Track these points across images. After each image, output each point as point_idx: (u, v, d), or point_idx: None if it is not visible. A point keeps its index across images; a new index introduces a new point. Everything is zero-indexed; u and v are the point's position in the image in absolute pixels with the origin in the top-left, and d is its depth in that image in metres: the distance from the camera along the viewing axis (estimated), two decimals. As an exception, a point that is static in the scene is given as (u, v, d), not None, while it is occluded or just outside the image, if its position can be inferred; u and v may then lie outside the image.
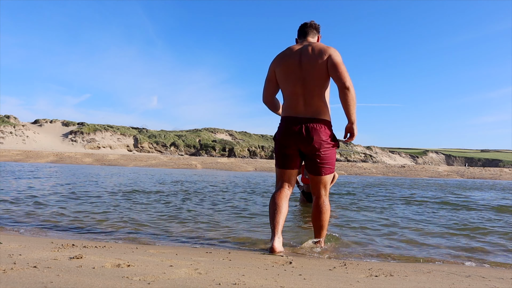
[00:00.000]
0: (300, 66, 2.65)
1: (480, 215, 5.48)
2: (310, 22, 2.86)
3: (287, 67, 2.69)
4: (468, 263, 2.85)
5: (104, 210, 4.98)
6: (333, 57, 2.56)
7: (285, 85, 2.73)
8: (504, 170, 30.88)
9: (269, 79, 2.84)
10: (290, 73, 2.68)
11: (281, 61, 2.74)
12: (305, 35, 2.84)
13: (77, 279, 1.65)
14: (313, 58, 2.61)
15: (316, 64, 2.59)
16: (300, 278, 1.97)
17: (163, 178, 12.74)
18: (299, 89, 2.66)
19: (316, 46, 2.66)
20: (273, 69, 2.79)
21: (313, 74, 2.61)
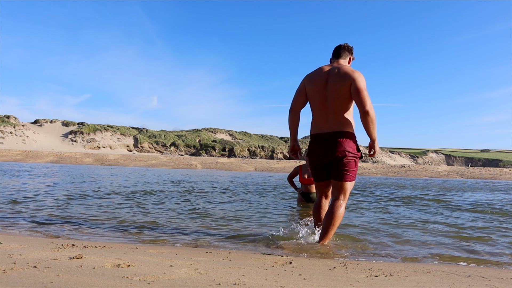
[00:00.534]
0: (326, 86, 2.87)
1: (481, 216, 5.48)
2: (344, 45, 3.06)
3: (315, 86, 2.91)
4: (468, 263, 2.85)
5: (103, 210, 4.98)
6: (357, 82, 2.74)
7: (312, 102, 2.97)
8: (504, 170, 30.89)
9: (299, 90, 3.04)
10: (317, 92, 2.91)
11: (310, 80, 2.97)
12: (337, 57, 3.05)
13: (77, 279, 1.65)
14: (338, 81, 2.81)
15: (340, 86, 2.79)
16: (300, 278, 1.97)
17: (164, 178, 12.74)
18: (324, 107, 2.89)
19: (342, 70, 2.84)
20: (304, 84, 3.01)
21: (337, 95, 2.82)
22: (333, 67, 2.91)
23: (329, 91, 2.84)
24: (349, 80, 2.76)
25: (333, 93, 2.82)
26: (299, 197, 5.96)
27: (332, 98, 2.84)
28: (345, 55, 3.05)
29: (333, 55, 3.09)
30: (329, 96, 2.85)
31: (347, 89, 2.77)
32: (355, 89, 2.73)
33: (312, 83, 2.93)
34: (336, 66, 2.92)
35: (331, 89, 2.83)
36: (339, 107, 2.83)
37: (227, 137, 67.25)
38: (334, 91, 2.82)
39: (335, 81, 2.82)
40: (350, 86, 2.75)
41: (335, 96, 2.82)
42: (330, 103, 2.85)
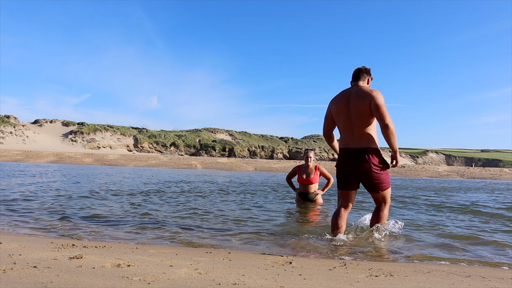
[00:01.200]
0: (348, 107, 3.19)
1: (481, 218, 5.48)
2: (361, 68, 3.36)
3: (338, 108, 3.25)
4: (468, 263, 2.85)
5: (103, 210, 4.98)
6: (375, 100, 3.04)
7: (338, 122, 3.31)
8: (504, 170, 30.88)
9: (327, 117, 3.42)
10: (340, 113, 3.24)
11: (334, 103, 3.31)
12: (357, 79, 3.34)
13: (77, 279, 1.65)
14: (358, 100, 3.12)
15: (361, 106, 3.10)
16: (300, 278, 1.97)
17: (163, 178, 12.74)
18: (348, 125, 3.21)
19: (362, 90, 3.16)
20: (330, 109, 3.37)
21: (359, 114, 3.13)
22: (353, 89, 3.24)
23: (351, 110, 3.16)
24: (369, 98, 3.06)
25: (355, 111, 3.13)
26: (297, 197, 5.96)
27: (355, 116, 3.14)
28: (364, 77, 3.34)
29: (353, 78, 3.38)
30: (353, 115, 3.15)
31: (368, 106, 3.06)
32: (374, 106, 3.02)
33: (336, 106, 3.27)
34: (356, 87, 3.24)
35: (353, 108, 3.14)
36: (362, 123, 3.14)
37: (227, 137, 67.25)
38: (356, 109, 3.12)
39: (356, 100, 3.12)
40: (370, 103, 3.05)
41: (357, 114, 3.12)
42: (354, 121, 3.16)
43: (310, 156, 5.73)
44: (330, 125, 3.42)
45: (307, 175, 5.70)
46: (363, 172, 3.17)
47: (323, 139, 72.67)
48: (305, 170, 5.76)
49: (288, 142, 69.77)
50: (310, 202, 5.79)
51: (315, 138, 73.44)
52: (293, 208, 5.80)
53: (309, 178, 5.68)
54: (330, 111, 3.35)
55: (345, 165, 3.27)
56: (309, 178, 5.68)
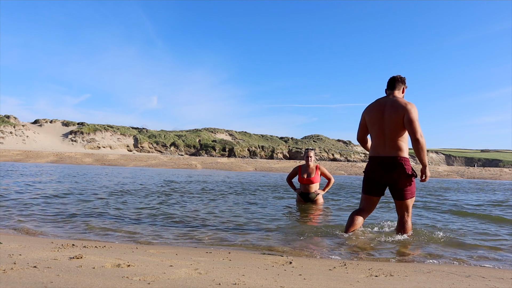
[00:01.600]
0: (382, 117, 3.28)
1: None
2: (397, 77, 3.41)
3: (372, 117, 3.35)
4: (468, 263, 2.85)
5: (103, 210, 4.98)
6: (409, 114, 3.13)
7: (371, 130, 3.41)
8: (504, 170, 30.88)
9: (361, 124, 3.53)
10: (374, 122, 3.33)
11: (369, 111, 3.41)
12: (392, 88, 3.41)
13: (77, 279, 1.65)
14: (393, 113, 3.21)
15: (395, 117, 3.20)
16: (300, 278, 1.97)
17: (163, 178, 12.74)
18: (381, 134, 3.30)
19: (397, 102, 3.25)
20: (364, 117, 3.47)
21: (392, 125, 3.22)
22: (389, 99, 3.32)
23: (385, 121, 3.25)
24: (403, 111, 3.15)
25: (389, 122, 3.23)
26: (298, 197, 5.96)
27: (388, 127, 3.24)
28: (399, 86, 3.40)
29: (388, 87, 3.44)
30: (386, 125, 3.26)
31: (401, 119, 3.16)
32: (407, 120, 3.12)
33: (370, 114, 3.37)
34: (391, 98, 3.31)
35: (387, 119, 3.24)
36: (394, 134, 3.23)
37: (227, 137, 67.24)
38: (389, 120, 3.22)
39: (390, 112, 3.22)
40: (404, 116, 3.14)
41: (390, 125, 3.22)
42: (386, 131, 3.26)
43: (310, 156, 5.74)
44: (363, 132, 3.55)
45: (308, 174, 5.70)
46: (392, 179, 3.28)
47: (323, 139, 72.71)
48: (306, 170, 5.76)
49: (288, 142, 69.78)
50: (311, 202, 5.79)
51: (315, 138, 73.44)
52: (293, 208, 5.79)
53: (310, 178, 5.68)
54: (364, 119, 3.46)
55: (374, 172, 3.37)
56: (310, 178, 5.68)
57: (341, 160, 57.72)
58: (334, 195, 7.94)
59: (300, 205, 5.85)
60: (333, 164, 30.91)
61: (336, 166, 28.26)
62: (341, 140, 74.58)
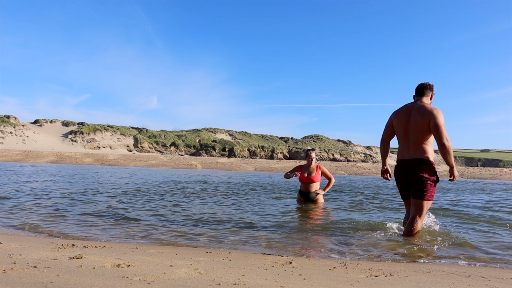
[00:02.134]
0: (408, 121, 3.41)
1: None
2: (425, 84, 3.54)
3: (400, 120, 3.48)
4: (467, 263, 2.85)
5: (103, 210, 4.98)
6: (435, 119, 3.24)
7: (398, 133, 3.53)
8: (504, 170, 30.87)
9: (388, 125, 3.63)
10: (401, 126, 3.47)
11: (397, 115, 3.53)
12: (421, 95, 3.52)
13: (77, 279, 1.65)
14: (419, 117, 3.33)
15: (421, 123, 3.31)
16: (300, 278, 1.97)
17: (163, 178, 12.74)
18: (405, 138, 3.45)
19: (423, 108, 3.35)
20: (391, 119, 3.58)
21: (417, 129, 3.35)
22: (416, 105, 3.43)
23: (411, 125, 3.38)
24: (429, 117, 3.26)
25: (414, 126, 3.36)
26: (298, 197, 5.96)
27: (413, 131, 3.37)
28: (427, 92, 3.52)
29: (417, 93, 3.56)
30: (411, 129, 3.39)
31: (427, 124, 3.28)
32: (434, 125, 3.24)
33: (397, 118, 3.50)
34: (419, 104, 3.43)
35: (413, 123, 3.36)
36: (419, 138, 3.35)
37: (227, 137, 67.21)
38: (415, 125, 3.35)
39: (416, 117, 3.34)
40: (430, 122, 3.26)
41: (415, 129, 3.35)
42: (411, 135, 3.39)
43: (312, 157, 5.75)
44: (390, 133, 3.63)
45: (309, 173, 5.71)
46: (414, 179, 3.39)
47: (323, 139, 72.67)
48: (307, 169, 5.77)
49: (288, 142, 69.76)
50: (311, 202, 5.79)
51: (315, 138, 73.42)
52: (294, 208, 5.79)
53: (311, 177, 5.69)
54: (392, 121, 3.58)
55: (401, 176, 3.53)
56: (311, 177, 5.69)
57: (341, 160, 57.72)
58: (334, 195, 7.94)
59: (301, 205, 5.85)
60: (333, 164, 30.90)
61: (336, 166, 28.26)
62: (341, 140, 74.56)
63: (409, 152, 3.42)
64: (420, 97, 3.51)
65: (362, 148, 73.73)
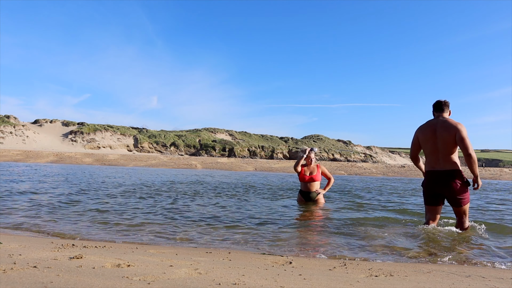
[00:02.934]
0: (435, 136, 3.71)
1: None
2: (444, 101, 3.88)
3: (425, 135, 3.79)
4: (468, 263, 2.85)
5: (103, 210, 4.98)
6: (460, 133, 3.57)
7: (425, 147, 3.85)
8: (504, 170, 30.85)
9: (414, 143, 3.96)
10: (428, 139, 3.77)
11: (422, 131, 3.85)
12: (441, 111, 3.85)
13: (77, 279, 1.65)
14: (445, 132, 3.65)
15: (447, 136, 3.63)
16: (300, 278, 1.97)
17: (163, 178, 12.73)
18: (435, 151, 3.74)
19: (448, 122, 3.68)
20: (417, 136, 3.90)
21: (445, 143, 3.66)
22: (440, 120, 3.76)
23: (438, 139, 3.69)
24: (454, 131, 3.59)
25: (441, 140, 3.67)
26: (299, 197, 5.96)
27: (441, 144, 3.68)
28: (446, 109, 3.85)
29: (436, 109, 3.89)
30: (439, 143, 3.69)
31: (453, 138, 3.60)
32: (459, 138, 3.56)
33: (423, 133, 3.82)
34: (442, 119, 3.76)
35: (440, 137, 3.67)
36: (447, 150, 3.66)
37: (227, 137, 67.21)
38: (442, 139, 3.66)
39: (443, 131, 3.66)
40: (455, 135, 3.58)
41: (443, 143, 3.66)
42: (440, 148, 3.70)
43: (312, 157, 5.77)
44: (417, 150, 3.99)
45: (310, 172, 5.73)
46: (449, 190, 3.68)
47: (323, 139, 72.70)
48: (308, 168, 5.78)
49: (288, 142, 69.76)
50: (312, 202, 5.79)
51: (315, 138, 73.43)
52: (294, 208, 5.79)
53: (312, 176, 5.71)
54: (418, 138, 3.88)
55: (432, 185, 3.80)
56: (312, 176, 5.71)
57: (341, 160, 57.72)
58: (335, 195, 7.94)
59: (301, 204, 5.85)
60: (333, 164, 30.90)
61: (336, 166, 28.26)
62: (341, 140, 74.55)
63: (440, 164, 3.72)
64: (441, 113, 3.83)
65: (362, 148, 73.74)
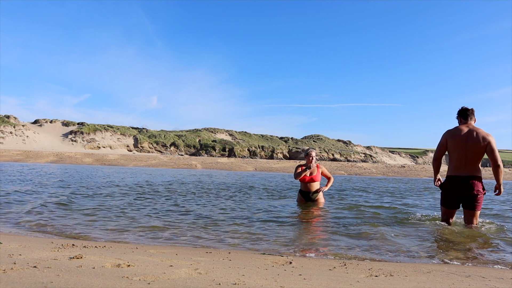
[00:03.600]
0: (466, 144, 3.92)
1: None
2: (471, 109, 4.09)
3: (456, 142, 3.97)
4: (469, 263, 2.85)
5: (103, 210, 4.98)
6: (492, 144, 3.85)
7: (453, 153, 4.02)
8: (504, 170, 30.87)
9: (441, 144, 4.11)
10: (458, 146, 3.96)
11: (452, 136, 4.01)
12: (466, 118, 4.06)
13: (77, 279, 1.65)
14: (477, 142, 3.88)
15: (479, 146, 3.87)
16: (300, 278, 1.97)
17: (163, 178, 12.73)
18: (463, 157, 3.95)
19: (480, 133, 3.91)
20: (446, 138, 4.06)
21: (475, 151, 3.89)
22: (471, 130, 3.96)
23: (469, 147, 3.91)
24: (486, 142, 3.86)
25: (472, 149, 3.90)
26: (299, 196, 5.96)
27: (472, 152, 3.91)
28: (472, 116, 4.07)
29: (463, 117, 4.09)
30: (469, 150, 3.91)
31: (484, 148, 3.87)
32: (490, 149, 3.85)
33: (454, 140, 3.99)
34: (473, 128, 3.97)
35: (471, 146, 3.90)
36: (475, 158, 3.92)
37: (227, 137, 67.21)
38: (473, 147, 3.89)
39: (475, 141, 3.88)
40: (487, 146, 3.85)
41: (474, 151, 3.89)
42: (469, 155, 3.92)
43: (312, 156, 5.77)
44: (443, 151, 4.13)
45: (311, 173, 5.75)
46: (470, 194, 3.93)
47: (323, 139, 72.68)
48: (309, 168, 5.80)
49: (288, 142, 69.77)
50: (312, 201, 5.79)
51: (315, 138, 73.44)
52: (294, 208, 5.79)
53: (313, 176, 5.73)
54: (446, 141, 4.06)
55: (455, 189, 4.01)
56: (313, 176, 5.73)
57: (341, 160, 57.72)
58: (334, 195, 7.94)
59: (301, 204, 5.85)
60: (333, 164, 30.90)
61: (336, 166, 28.27)
62: (341, 140, 74.55)
63: (466, 170, 3.95)
64: (468, 121, 4.05)
65: (362, 148, 73.73)
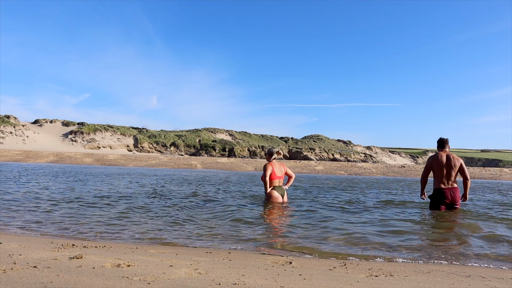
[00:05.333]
0: (446, 164, 5.36)
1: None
2: (445, 139, 5.58)
3: (438, 164, 5.42)
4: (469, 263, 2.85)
5: (103, 210, 4.98)
6: (463, 164, 5.39)
7: (437, 172, 5.43)
8: (504, 170, 30.86)
9: (427, 167, 5.56)
10: (440, 167, 5.40)
11: (435, 160, 5.44)
12: (444, 147, 5.53)
13: (77, 279, 1.65)
14: (455, 163, 5.34)
15: (454, 166, 5.34)
16: (300, 278, 1.97)
17: (163, 178, 12.73)
18: (447, 174, 5.36)
19: (454, 157, 5.40)
20: (431, 162, 5.51)
21: (455, 170, 5.34)
22: (448, 155, 5.44)
23: (448, 167, 5.34)
24: (459, 163, 5.36)
25: (452, 168, 5.33)
26: (275, 194, 5.93)
27: (451, 170, 5.33)
28: (447, 145, 5.55)
29: (441, 146, 5.55)
30: (449, 170, 5.34)
31: (458, 167, 5.34)
32: (461, 168, 5.35)
33: (436, 162, 5.43)
34: (449, 154, 5.46)
35: (451, 165, 5.33)
36: (454, 174, 5.35)
37: (227, 137, 67.19)
38: (452, 167, 5.33)
39: (453, 162, 5.34)
40: (460, 166, 5.34)
41: (452, 170, 5.33)
42: (450, 172, 5.33)
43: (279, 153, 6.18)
44: (429, 172, 5.53)
45: (280, 171, 6.01)
46: (453, 199, 5.32)
47: (323, 139, 72.67)
48: (277, 167, 6.04)
49: (288, 142, 69.75)
50: (282, 198, 5.90)
51: (315, 138, 73.43)
52: (294, 207, 5.80)
53: (282, 174, 6.02)
54: (432, 165, 5.47)
55: (444, 195, 5.35)
56: (282, 174, 6.02)
57: (341, 160, 57.71)
58: (334, 195, 7.94)
59: (280, 201, 5.85)
60: (333, 164, 30.89)
61: (336, 166, 28.26)
62: (341, 140, 74.55)
63: (448, 183, 5.34)
64: (445, 148, 5.50)
65: (362, 148, 73.72)
